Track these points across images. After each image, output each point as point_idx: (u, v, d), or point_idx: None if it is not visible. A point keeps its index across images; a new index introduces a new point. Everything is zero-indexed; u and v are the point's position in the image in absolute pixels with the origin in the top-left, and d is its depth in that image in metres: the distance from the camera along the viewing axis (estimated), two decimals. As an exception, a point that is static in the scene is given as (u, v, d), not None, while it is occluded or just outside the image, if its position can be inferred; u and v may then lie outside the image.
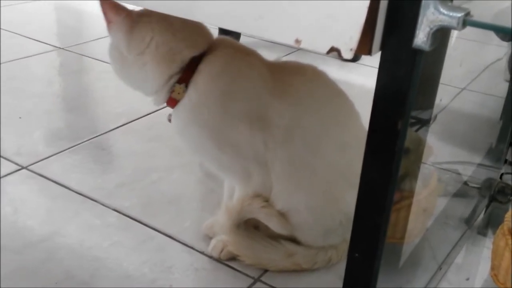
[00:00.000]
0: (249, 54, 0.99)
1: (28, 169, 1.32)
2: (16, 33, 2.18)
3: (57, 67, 1.99)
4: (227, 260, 1.06)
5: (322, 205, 1.00)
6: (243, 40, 1.81)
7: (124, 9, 0.95)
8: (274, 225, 1.01)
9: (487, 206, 1.24)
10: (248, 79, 0.97)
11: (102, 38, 2.20)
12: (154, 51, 0.94)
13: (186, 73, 0.95)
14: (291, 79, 0.98)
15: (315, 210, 1.01)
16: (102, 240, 1.11)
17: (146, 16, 0.94)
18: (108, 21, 0.97)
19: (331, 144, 0.99)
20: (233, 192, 1.08)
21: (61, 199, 1.23)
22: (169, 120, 1.01)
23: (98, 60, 1.99)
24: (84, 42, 2.20)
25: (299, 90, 0.98)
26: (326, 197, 1.00)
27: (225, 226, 1.02)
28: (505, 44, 1.25)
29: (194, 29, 0.96)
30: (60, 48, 2.11)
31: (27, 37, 2.16)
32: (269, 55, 1.03)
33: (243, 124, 0.95)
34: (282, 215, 1.01)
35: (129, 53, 0.95)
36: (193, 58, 0.95)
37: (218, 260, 1.06)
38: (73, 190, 1.26)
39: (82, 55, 2.06)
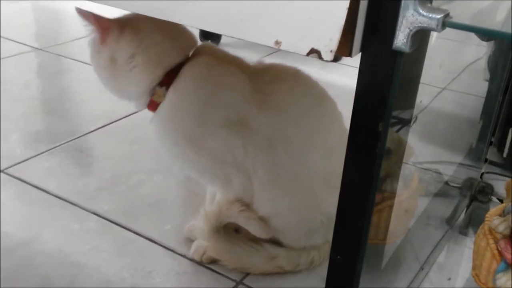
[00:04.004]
0: (229, 62, 0.99)
1: (5, 173, 1.30)
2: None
3: (35, 68, 1.96)
4: (209, 264, 1.05)
5: (304, 207, 1.00)
6: (224, 40, 1.80)
7: (106, 19, 0.94)
8: (254, 229, 1.01)
9: (468, 206, 1.24)
10: (226, 85, 0.96)
11: (81, 38, 2.16)
12: (144, 54, 0.93)
13: (168, 77, 0.95)
14: (271, 88, 0.97)
15: (298, 212, 1.00)
16: (81, 245, 1.09)
17: (135, 20, 0.94)
18: (102, 32, 0.93)
19: (314, 150, 0.99)
20: (215, 196, 1.07)
21: (39, 203, 1.20)
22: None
23: (77, 60, 1.96)
24: (63, 43, 2.17)
25: (279, 99, 0.97)
26: (308, 200, 1.00)
27: (204, 231, 1.01)
28: (484, 44, 1.26)
29: (178, 35, 0.96)
30: (38, 49, 2.08)
31: (4, 38, 2.12)
32: (251, 56, 1.03)
33: (219, 129, 0.94)
34: (263, 219, 1.00)
35: (121, 58, 0.94)
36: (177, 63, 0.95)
37: (200, 264, 1.05)
38: (51, 194, 1.23)
39: (61, 55, 2.03)
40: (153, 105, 0.97)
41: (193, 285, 1.02)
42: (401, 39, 0.49)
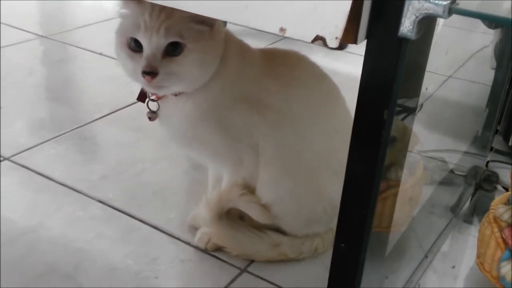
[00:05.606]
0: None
1: (11, 160, 1.30)
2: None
3: (39, 56, 1.96)
4: (213, 251, 1.05)
5: (306, 193, 1.01)
6: (228, 28, 1.78)
7: None
8: (254, 213, 1.01)
9: (473, 194, 1.24)
10: (251, 62, 0.97)
11: (85, 26, 2.17)
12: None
13: None
14: (278, 64, 0.99)
15: (299, 198, 1.01)
16: (86, 232, 1.09)
17: None
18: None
19: (317, 130, 0.99)
20: (217, 182, 1.07)
21: (44, 191, 1.21)
22: (150, 119, 0.98)
23: (81, 48, 1.96)
24: (67, 30, 2.16)
25: (287, 75, 0.98)
26: (310, 185, 1.00)
27: (207, 218, 1.01)
28: (491, 31, 1.25)
29: None
30: (42, 36, 2.07)
31: (8, 25, 2.12)
32: (256, 43, 1.02)
33: (244, 107, 0.95)
34: (265, 207, 1.01)
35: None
36: None
37: (204, 251, 1.06)
38: (56, 181, 1.24)
39: (65, 43, 2.03)
40: None
41: (197, 273, 1.02)
42: (407, 26, 0.49)
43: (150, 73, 0.84)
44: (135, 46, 0.87)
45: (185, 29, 0.85)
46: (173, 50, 0.86)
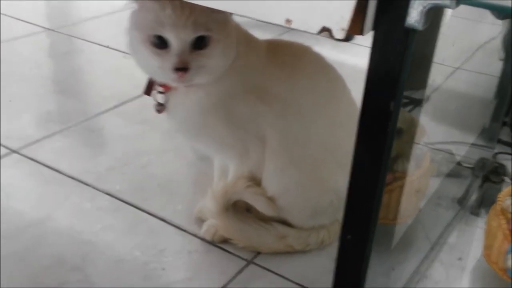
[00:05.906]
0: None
1: (18, 153, 1.31)
2: (2, 14, 2.14)
3: (46, 49, 1.96)
4: (220, 243, 1.06)
5: (312, 184, 1.00)
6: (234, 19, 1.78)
7: None
8: (260, 205, 1.01)
9: (480, 186, 1.24)
10: (257, 52, 0.97)
11: (92, 18, 2.17)
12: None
13: None
14: (284, 55, 0.99)
15: (305, 190, 1.01)
16: (93, 224, 1.10)
17: None
18: None
19: (324, 120, 0.99)
20: (222, 174, 1.07)
21: (51, 183, 1.21)
22: (158, 111, 0.98)
23: (88, 41, 1.96)
24: (74, 23, 2.17)
25: (292, 65, 0.98)
26: (316, 176, 1.00)
27: (213, 210, 1.01)
28: (499, 22, 1.24)
29: None
30: (49, 29, 2.08)
31: (15, 18, 2.12)
32: (262, 35, 1.02)
33: (251, 97, 0.95)
34: (271, 200, 1.01)
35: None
36: None
37: (211, 243, 1.06)
38: (63, 174, 1.24)
39: (72, 36, 2.03)
40: None
41: (204, 264, 1.03)
42: (414, 17, 0.49)
43: (182, 69, 0.84)
44: (160, 43, 0.85)
45: (210, 21, 0.85)
46: (199, 43, 0.85)
